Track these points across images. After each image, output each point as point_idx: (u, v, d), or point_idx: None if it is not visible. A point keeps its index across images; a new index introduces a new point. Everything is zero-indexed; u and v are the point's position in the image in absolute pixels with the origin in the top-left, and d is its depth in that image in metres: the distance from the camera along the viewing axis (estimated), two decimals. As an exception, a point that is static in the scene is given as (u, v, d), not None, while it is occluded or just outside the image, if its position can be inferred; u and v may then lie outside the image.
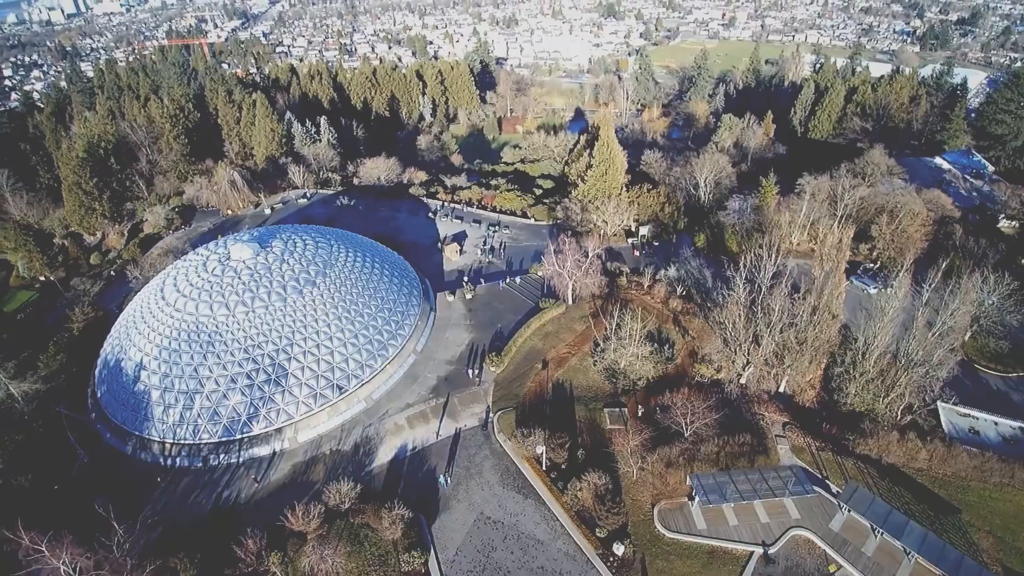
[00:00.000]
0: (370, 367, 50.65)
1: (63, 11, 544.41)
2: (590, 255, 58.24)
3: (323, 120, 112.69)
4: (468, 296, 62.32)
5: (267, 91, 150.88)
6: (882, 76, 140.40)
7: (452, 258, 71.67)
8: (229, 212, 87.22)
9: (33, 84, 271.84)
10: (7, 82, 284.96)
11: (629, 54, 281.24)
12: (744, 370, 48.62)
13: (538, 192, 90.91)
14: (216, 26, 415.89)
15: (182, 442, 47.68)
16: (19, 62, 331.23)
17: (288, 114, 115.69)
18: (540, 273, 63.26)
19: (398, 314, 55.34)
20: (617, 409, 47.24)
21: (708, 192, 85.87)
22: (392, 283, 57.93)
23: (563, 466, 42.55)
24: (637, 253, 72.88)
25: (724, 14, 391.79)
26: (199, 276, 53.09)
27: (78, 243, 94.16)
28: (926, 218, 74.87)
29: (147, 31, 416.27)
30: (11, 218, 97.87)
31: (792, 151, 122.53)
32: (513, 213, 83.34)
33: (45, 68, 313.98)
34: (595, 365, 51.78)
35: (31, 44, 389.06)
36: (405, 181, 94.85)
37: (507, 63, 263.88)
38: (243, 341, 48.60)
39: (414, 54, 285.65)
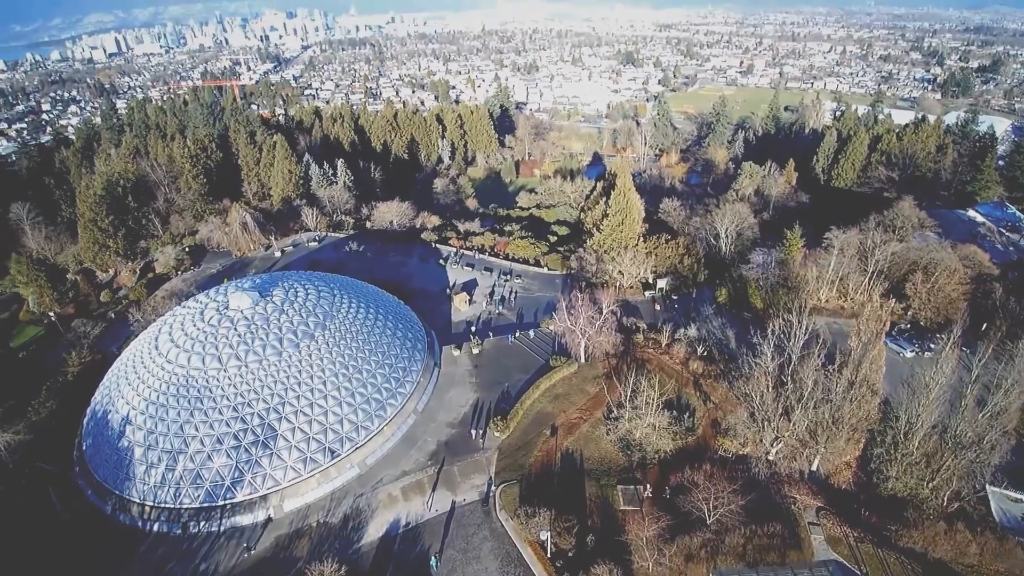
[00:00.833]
0: (366, 429, 47.34)
1: (105, 50, 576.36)
2: (604, 311, 54.95)
3: (340, 163, 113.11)
4: (475, 351, 59.19)
5: (290, 132, 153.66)
6: (907, 124, 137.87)
7: (461, 308, 68.96)
8: (239, 254, 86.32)
9: (69, 119, 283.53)
10: (44, 116, 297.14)
11: (647, 100, 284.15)
12: (773, 446, 44.22)
13: (552, 239, 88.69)
14: (249, 69, 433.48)
15: (162, 505, 44.47)
16: (58, 97, 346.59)
17: (307, 156, 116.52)
18: (551, 327, 60.08)
19: (399, 370, 52.30)
20: (632, 487, 42.98)
21: (729, 243, 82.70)
22: (395, 336, 55.17)
23: (570, 553, 38.25)
24: (658, 307, 69.36)
25: (742, 62, 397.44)
26: (195, 326, 50.97)
27: (90, 280, 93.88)
28: (963, 276, 70.50)
29: (183, 72, 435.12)
30: (28, 251, 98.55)
31: (815, 199, 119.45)
32: (526, 261, 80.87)
33: (82, 104, 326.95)
34: (608, 434, 47.76)
35: (72, 80, 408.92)
36: (418, 226, 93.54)
37: (527, 107, 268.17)
38: (233, 398, 45.83)
39: (436, 98, 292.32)
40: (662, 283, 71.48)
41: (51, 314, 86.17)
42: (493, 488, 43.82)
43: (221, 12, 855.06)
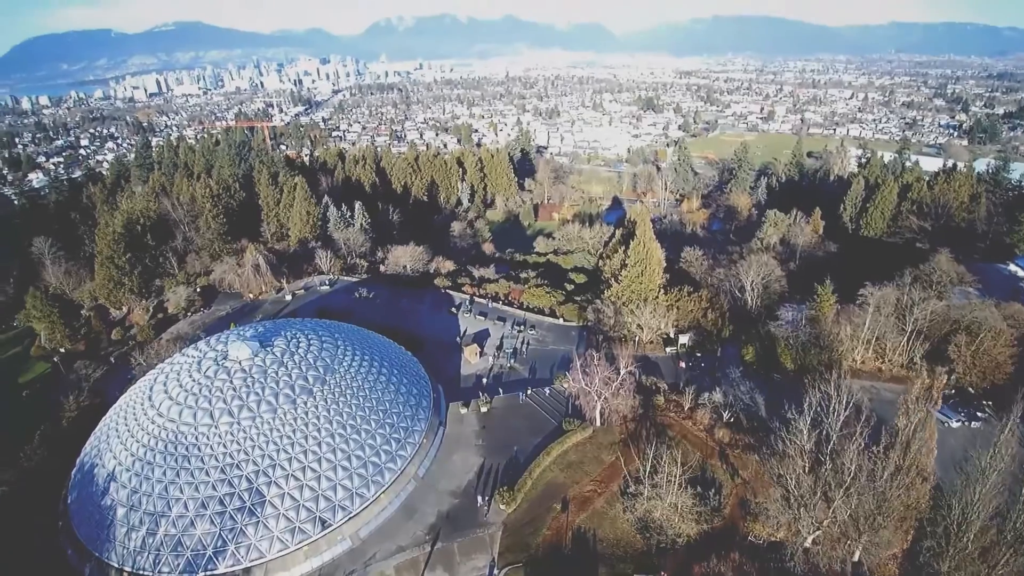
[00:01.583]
0: (361, 497, 43.82)
1: (146, 90, 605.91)
2: (622, 372, 51.32)
3: (358, 205, 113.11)
4: (483, 409, 55.70)
5: (313, 173, 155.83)
6: (937, 172, 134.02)
7: (471, 360, 65.84)
8: (251, 296, 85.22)
9: (105, 155, 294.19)
10: (82, 151, 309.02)
11: (668, 145, 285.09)
12: (810, 534, 39.45)
13: (569, 287, 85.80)
14: (281, 111, 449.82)
15: (140, 573, 41.16)
16: (96, 133, 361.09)
17: (326, 198, 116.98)
18: (565, 385, 56.48)
19: (401, 430, 49.01)
20: (650, 577, 38.50)
21: (756, 297, 78.80)
22: (399, 392, 52.16)
23: (580, 657, 33.77)
24: (683, 364, 65.31)
25: (762, 108, 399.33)
26: (191, 377, 48.74)
27: (103, 317, 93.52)
28: (1010, 337, 65.39)
29: (219, 112, 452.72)
30: (45, 286, 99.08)
31: (843, 249, 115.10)
32: (541, 311, 77.85)
33: (119, 140, 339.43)
34: (625, 512, 43.39)
35: (111, 118, 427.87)
36: (432, 271, 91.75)
37: (547, 151, 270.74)
38: (221, 458, 42.98)
39: (459, 141, 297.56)
40: (684, 339, 67.64)
41: (61, 350, 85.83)
42: (496, 571, 39.66)
43: (259, 57, 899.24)
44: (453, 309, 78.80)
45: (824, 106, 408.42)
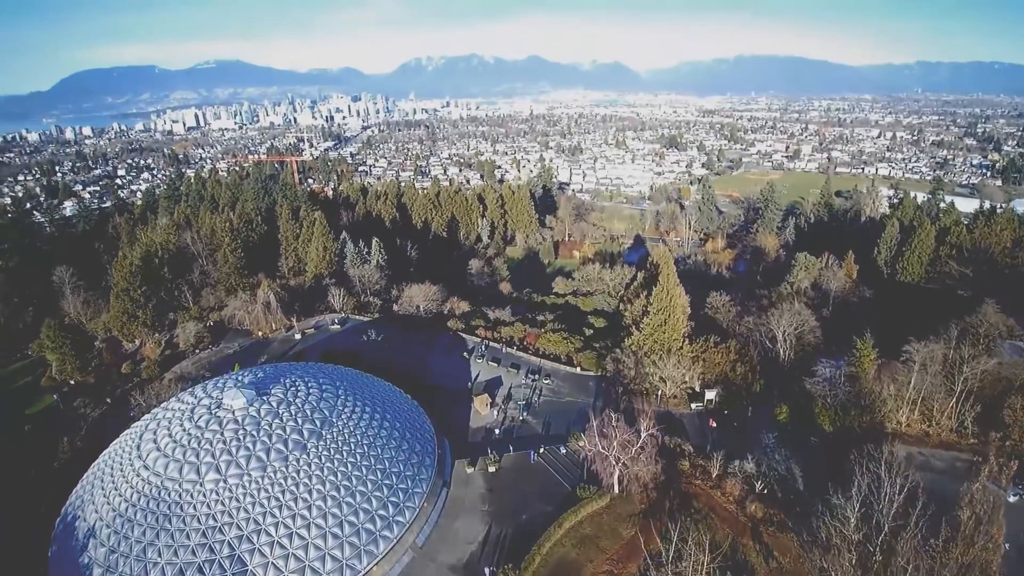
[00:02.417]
0: (352, 568, 39.84)
1: (184, 124, 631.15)
2: (643, 435, 46.93)
3: (375, 241, 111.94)
4: (491, 469, 51.57)
5: (335, 208, 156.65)
6: (976, 214, 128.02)
7: (481, 411, 61.99)
8: (259, 334, 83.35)
9: (140, 185, 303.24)
10: (118, 181, 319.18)
11: (691, 183, 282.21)
12: (860, 639, 34.05)
13: (588, 332, 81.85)
14: (311, 145, 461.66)
15: (111, 645, 37.67)
16: (134, 164, 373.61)
17: (344, 234, 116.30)
18: (581, 444, 52.13)
19: (400, 492, 45.14)
20: None
21: (788, 348, 73.74)
22: (400, 449, 48.53)
23: None
24: (713, 423, 60.40)
25: (788, 146, 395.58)
26: (182, 426, 46.03)
27: (115, 349, 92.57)
28: (1071, 401, 59.09)
29: (252, 146, 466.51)
30: (61, 316, 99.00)
31: (878, 295, 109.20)
32: (557, 358, 73.90)
33: (155, 172, 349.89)
34: (644, 601, 38.56)
35: (150, 149, 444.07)
36: (446, 311, 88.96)
37: (569, 188, 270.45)
38: (204, 520, 39.70)
39: (482, 177, 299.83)
40: (711, 394, 62.87)
41: (71, 382, 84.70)
42: (497, 666, 35.04)
43: (293, 94, 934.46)
44: (465, 354, 75.41)
45: (851, 145, 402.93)
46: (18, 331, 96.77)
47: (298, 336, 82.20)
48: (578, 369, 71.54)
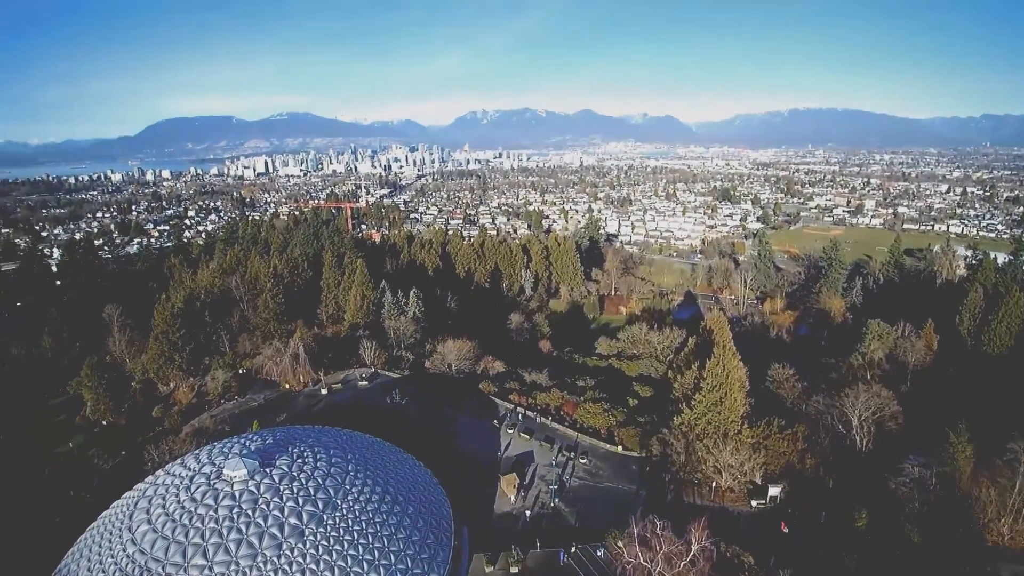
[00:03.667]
0: None
1: (255, 170, 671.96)
2: (693, 547, 39.28)
3: (412, 293, 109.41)
4: (513, 570, 44.66)
5: (381, 255, 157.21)
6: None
7: (508, 493, 55.35)
8: (286, 387, 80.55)
9: (206, 226, 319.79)
10: (187, 221, 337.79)
11: (746, 237, 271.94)
12: None
13: (632, 402, 74.39)
14: (368, 192, 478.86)
15: None
16: (203, 206, 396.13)
17: (383, 283, 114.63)
18: (620, 545, 44.54)
19: (405, 596, 39.01)
20: None
21: (865, 436, 63.95)
22: (411, 539, 42.61)
23: None
24: (785, 527, 51.36)
25: (849, 201, 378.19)
26: (177, 498, 42.03)
27: (151, 391, 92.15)
28: None
29: (313, 192, 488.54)
30: (108, 353, 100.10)
31: (962, 370, 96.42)
32: (596, 433, 66.62)
33: (222, 214, 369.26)
34: None
35: (220, 192, 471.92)
36: (479, 371, 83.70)
37: (617, 240, 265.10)
38: (179, 619, 34.82)
39: (529, 227, 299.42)
40: (775, 490, 54.00)
41: (104, 422, 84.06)
42: None
43: (356, 144, 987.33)
44: (496, 422, 69.25)
45: (918, 200, 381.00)
46: (63, 366, 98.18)
47: (324, 391, 78.70)
48: (619, 448, 63.83)
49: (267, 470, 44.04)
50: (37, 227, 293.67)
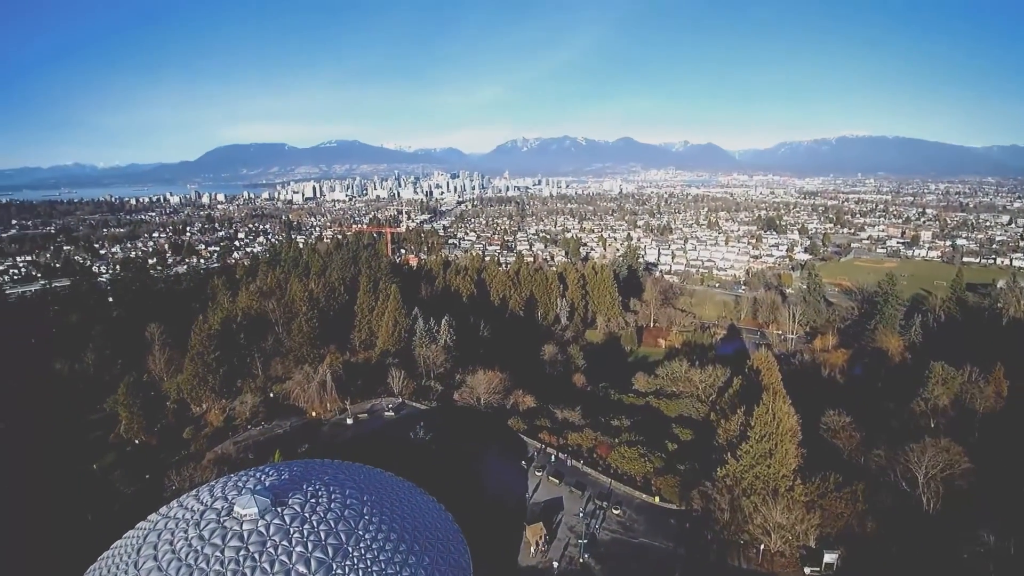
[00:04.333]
0: None
1: (303, 195, 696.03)
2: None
3: (444, 320, 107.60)
4: (535, 635, 40.73)
5: (417, 280, 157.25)
6: None
7: (532, 545, 51.30)
8: (313, 414, 79.26)
9: (254, 248, 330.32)
10: (236, 243, 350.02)
11: (793, 268, 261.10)
12: None
13: (671, 446, 69.37)
14: (409, 217, 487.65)
15: None
16: (253, 228, 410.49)
17: (416, 309, 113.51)
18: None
19: (415, 661, 35.65)
20: None
21: (933, 497, 57.13)
22: (425, 595, 39.40)
23: None
24: None
25: (904, 232, 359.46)
26: (185, 536, 40.22)
27: (183, 412, 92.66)
28: None
29: (357, 217, 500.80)
30: (148, 371, 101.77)
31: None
32: (632, 481, 61.86)
33: (270, 236, 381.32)
34: None
35: (270, 216, 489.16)
36: (508, 405, 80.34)
37: (657, 269, 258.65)
38: (175, 674, 32.47)
39: (566, 254, 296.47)
40: (831, 556, 48.17)
41: (136, 441, 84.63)
42: None
43: (400, 171, 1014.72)
44: (523, 463, 65.33)
45: (978, 232, 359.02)
46: (105, 383, 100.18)
47: (349, 421, 76.91)
48: (656, 499, 58.81)
49: (279, 509, 41.88)
50: (96, 245, 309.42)
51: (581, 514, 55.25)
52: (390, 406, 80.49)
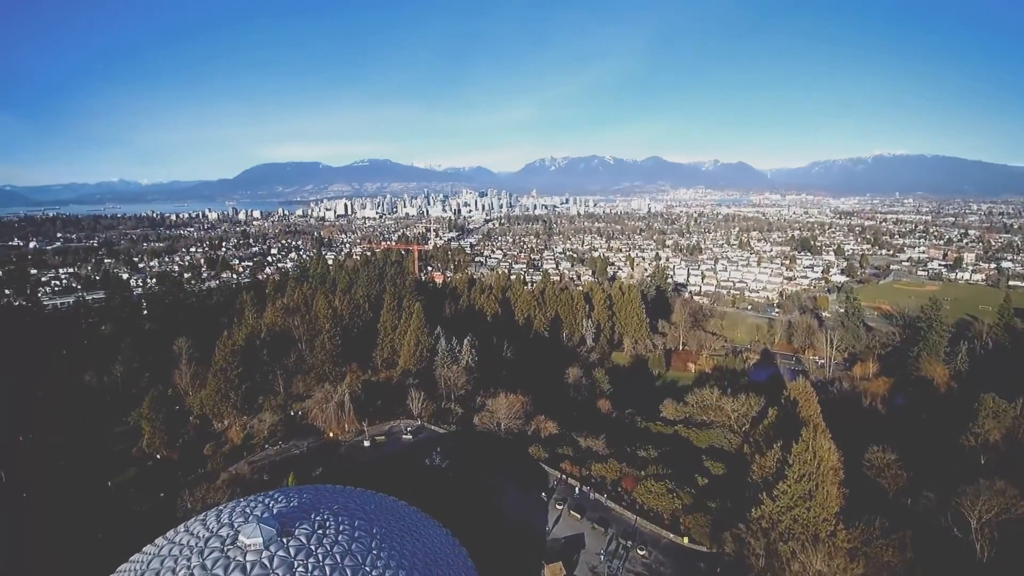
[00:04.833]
0: None
1: (335, 212, 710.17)
2: None
3: (466, 341, 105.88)
4: None
5: (441, 298, 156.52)
6: None
7: (552, 585, 48.49)
8: (330, 435, 78.01)
9: (286, 263, 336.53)
10: (269, 258, 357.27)
11: (829, 291, 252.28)
12: None
13: (702, 481, 65.38)
14: (437, 235, 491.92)
15: None
16: (286, 244, 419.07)
17: (438, 328, 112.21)
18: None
19: None
20: None
21: (987, 544, 52.02)
22: (434, 641, 36.90)
23: None
24: None
25: (946, 254, 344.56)
26: (188, 565, 38.76)
27: (205, 428, 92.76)
28: None
29: (386, 234, 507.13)
30: (174, 385, 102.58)
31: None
32: (659, 518, 58.20)
33: (302, 252, 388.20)
34: None
35: (303, 232, 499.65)
36: (530, 431, 77.55)
37: (686, 290, 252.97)
38: None
39: (593, 273, 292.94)
40: (880, 613, 43.91)
41: (158, 456, 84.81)
42: None
43: (429, 189, 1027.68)
44: (544, 494, 62.37)
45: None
46: (131, 396, 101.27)
47: (367, 443, 75.29)
48: (685, 540, 54.95)
49: (284, 540, 40.13)
50: (135, 259, 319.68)
51: (603, 554, 51.84)
52: (408, 429, 78.73)
